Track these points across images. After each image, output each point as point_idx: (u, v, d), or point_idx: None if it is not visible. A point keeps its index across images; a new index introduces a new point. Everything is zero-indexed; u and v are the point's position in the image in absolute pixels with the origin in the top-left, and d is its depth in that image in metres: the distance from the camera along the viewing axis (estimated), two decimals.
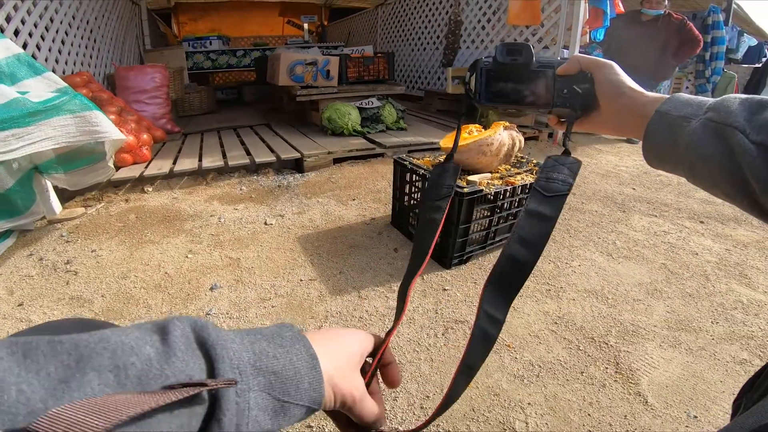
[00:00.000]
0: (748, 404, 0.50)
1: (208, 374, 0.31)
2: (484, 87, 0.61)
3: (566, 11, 3.61)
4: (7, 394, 0.23)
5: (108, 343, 0.28)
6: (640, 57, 3.80)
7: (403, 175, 1.97)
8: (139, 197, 2.51)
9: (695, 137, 0.45)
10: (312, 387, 0.37)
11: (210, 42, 6.73)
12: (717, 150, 0.43)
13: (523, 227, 0.50)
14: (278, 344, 0.36)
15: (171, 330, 0.31)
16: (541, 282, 1.66)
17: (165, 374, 0.29)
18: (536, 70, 0.58)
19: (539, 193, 0.52)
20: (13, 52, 1.83)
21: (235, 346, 0.34)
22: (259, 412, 0.33)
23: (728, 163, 0.42)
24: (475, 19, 4.87)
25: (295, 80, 3.72)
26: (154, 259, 1.82)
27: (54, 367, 0.25)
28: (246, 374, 0.33)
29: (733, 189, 0.43)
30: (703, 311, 1.50)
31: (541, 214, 0.50)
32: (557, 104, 0.58)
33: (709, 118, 0.45)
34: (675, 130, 0.47)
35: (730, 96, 0.46)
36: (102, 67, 4.08)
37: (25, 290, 1.61)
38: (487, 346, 0.48)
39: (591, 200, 2.54)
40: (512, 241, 0.50)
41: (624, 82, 0.54)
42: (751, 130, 0.41)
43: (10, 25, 2.64)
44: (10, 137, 1.49)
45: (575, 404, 1.09)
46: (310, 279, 1.68)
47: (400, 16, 6.46)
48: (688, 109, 0.47)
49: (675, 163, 0.48)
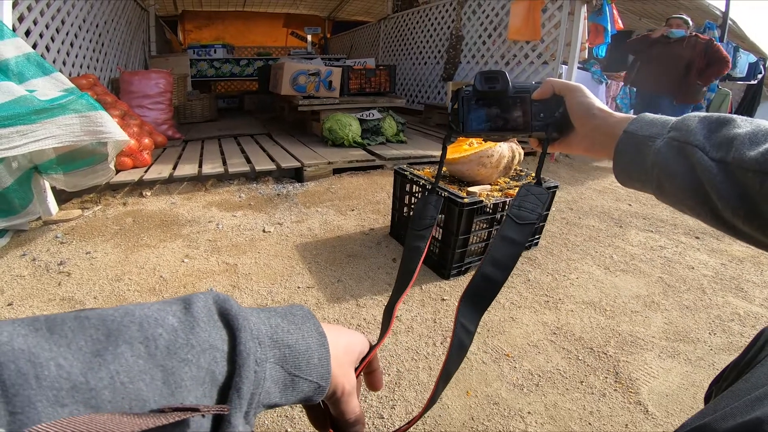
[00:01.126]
0: (718, 393, 0.59)
1: (229, 344, 0.32)
2: (466, 116, 0.62)
3: (566, 27, 3.67)
4: (47, 370, 0.23)
5: (133, 316, 0.28)
6: (662, 77, 3.80)
7: (403, 186, 1.97)
8: (138, 201, 2.50)
9: (660, 156, 0.46)
10: (321, 363, 0.38)
11: (214, 50, 6.80)
12: (680, 168, 0.44)
13: (497, 250, 0.55)
14: (291, 321, 0.38)
15: (193, 302, 0.32)
16: (539, 294, 1.65)
17: (190, 344, 0.29)
18: (513, 96, 0.60)
19: (512, 220, 0.56)
20: (23, 51, 1.84)
21: (254, 318, 0.35)
22: (271, 384, 0.34)
23: (691, 180, 0.44)
24: (476, 34, 4.94)
25: (297, 90, 3.75)
26: (150, 263, 1.81)
27: (84, 341, 0.26)
28: (264, 345, 0.34)
29: (697, 204, 0.44)
30: (701, 323, 1.50)
31: (513, 239, 0.55)
32: (536, 128, 0.60)
33: (671, 137, 0.46)
34: (642, 149, 0.48)
35: (691, 114, 0.47)
36: (107, 71, 4.11)
37: (16, 290, 1.59)
38: (462, 354, 0.53)
39: (588, 215, 2.55)
40: (486, 261, 0.54)
41: (593, 103, 0.56)
42: (710, 148, 0.43)
43: (23, 25, 2.66)
44: (14, 134, 1.49)
45: (575, 413, 1.08)
46: (307, 286, 1.67)
47: (402, 30, 6.55)
48: (653, 129, 0.49)
49: (644, 181, 0.49)
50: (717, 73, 3.72)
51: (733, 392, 0.48)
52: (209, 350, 0.30)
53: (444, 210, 1.70)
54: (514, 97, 0.60)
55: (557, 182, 1.97)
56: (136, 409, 0.26)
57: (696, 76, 3.69)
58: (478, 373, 1.22)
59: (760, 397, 0.42)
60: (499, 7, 4.49)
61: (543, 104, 0.59)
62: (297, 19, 9.17)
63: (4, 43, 1.78)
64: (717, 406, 0.48)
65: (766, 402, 0.40)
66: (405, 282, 0.56)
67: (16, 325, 0.25)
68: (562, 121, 0.58)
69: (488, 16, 4.69)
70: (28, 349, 0.23)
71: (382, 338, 0.50)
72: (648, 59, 3.92)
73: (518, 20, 3.98)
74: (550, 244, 2.11)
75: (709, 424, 0.44)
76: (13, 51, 1.79)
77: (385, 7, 7.13)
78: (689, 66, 3.70)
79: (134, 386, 0.26)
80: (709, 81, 3.75)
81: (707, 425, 0.44)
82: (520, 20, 3.96)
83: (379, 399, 1.12)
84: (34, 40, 2.77)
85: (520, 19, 3.96)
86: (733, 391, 0.49)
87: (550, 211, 2.00)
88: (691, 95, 3.82)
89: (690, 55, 3.68)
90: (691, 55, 3.68)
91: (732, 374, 0.58)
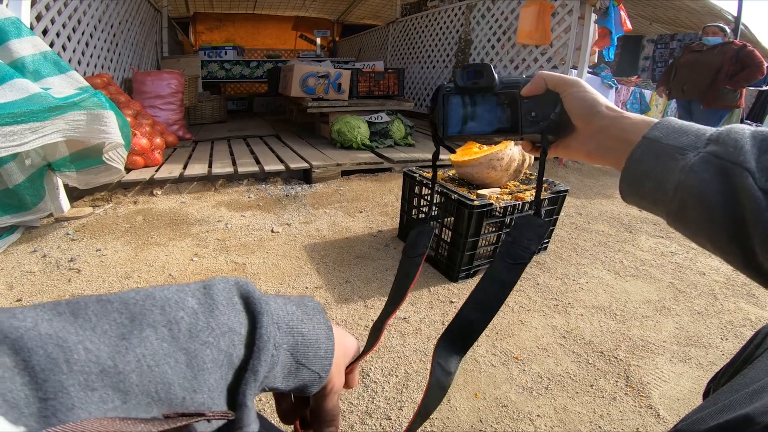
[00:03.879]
0: (715, 389, 0.58)
1: (248, 328, 0.32)
2: (446, 117, 0.54)
3: (576, 31, 3.66)
4: (76, 354, 0.23)
5: (154, 299, 0.28)
6: (691, 81, 3.82)
7: (412, 188, 1.97)
8: (148, 200, 2.52)
9: (692, 175, 0.37)
10: (326, 356, 0.38)
11: (225, 52, 6.86)
12: (718, 193, 0.36)
13: (483, 291, 0.50)
14: (304, 311, 0.38)
15: (213, 284, 0.32)
16: (548, 297, 1.64)
17: (210, 326, 0.30)
18: (500, 92, 0.52)
19: (502, 259, 0.51)
20: (40, 50, 1.86)
21: (273, 304, 0.35)
22: (279, 370, 0.34)
23: (728, 211, 0.35)
24: (485, 38, 4.94)
25: (306, 92, 3.76)
26: (159, 261, 1.82)
27: (108, 325, 0.26)
28: (282, 331, 0.34)
29: (728, 241, 0.36)
30: (712, 328, 1.49)
31: (502, 281, 0.50)
32: (526, 130, 0.52)
33: (711, 152, 0.37)
34: (666, 162, 0.39)
35: (737, 127, 0.38)
36: (121, 70, 4.16)
37: (26, 286, 1.61)
38: (442, 393, 0.50)
39: (597, 220, 2.53)
40: (469, 302, 0.50)
41: (597, 99, 0.47)
42: (760, 174, 0.34)
43: (40, 24, 2.70)
44: (27, 131, 1.50)
45: (585, 417, 1.07)
46: (315, 287, 1.67)
47: (410, 33, 6.56)
48: (684, 139, 0.39)
49: (658, 201, 0.41)
50: (748, 77, 3.61)
51: (732, 387, 0.49)
52: (228, 333, 0.30)
53: (454, 212, 1.70)
54: (501, 94, 0.52)
55: (567, 186, 1.96)
56: (161, 392, 0.26)
57: (724, 80, 3.65)
58: (487, 376, 1.21)
59: (758, 390, 0.42)
60: (508, 11, 4.49)
61: (534, 102, 0.51)
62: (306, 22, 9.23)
63: (21, 41, 1.80)
64: (716, 399, 0.48)
65: (763, 395, 0.41)
66: (396, 301, 0.54)
67: (39, 310, 0.24)
68: (558, 121, 0.50)
69: (497, 20, 4.69)
70: (55, 333, 0.23)
71: (367, 351, 0.49)
72: (681, 66, 3.95)
73: (528, 24, 3.97)
74: (559, 248, 2.10)
75: (708, 415, 0.44)
76: (30, 49, 1.82)
77: (393, 10, 7.16)
78: (719, 71, 3.67)
79: (160, 369, 0.26)
80: (739, 85, 3.65)
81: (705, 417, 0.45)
82: (530, 24, 3.95)
83: (387, 400, 1.12)
84: (50, 38, 2.81)
85: (530, 24, 3.95)
86: (731, 385, 0.50)
87: (559, 215, 1.99)
88: (720, 99, 3.75)
89: (720, 61, 3.66)
90: (721, 61, 3.65)
91: (729, 371, 0.59)
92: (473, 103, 0.54)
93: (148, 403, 0.26)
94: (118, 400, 0.24)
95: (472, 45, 5.19)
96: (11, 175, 1.77)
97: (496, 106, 0.53)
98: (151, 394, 0.26)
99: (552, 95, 0.50)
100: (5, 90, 1.55)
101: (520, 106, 0.51)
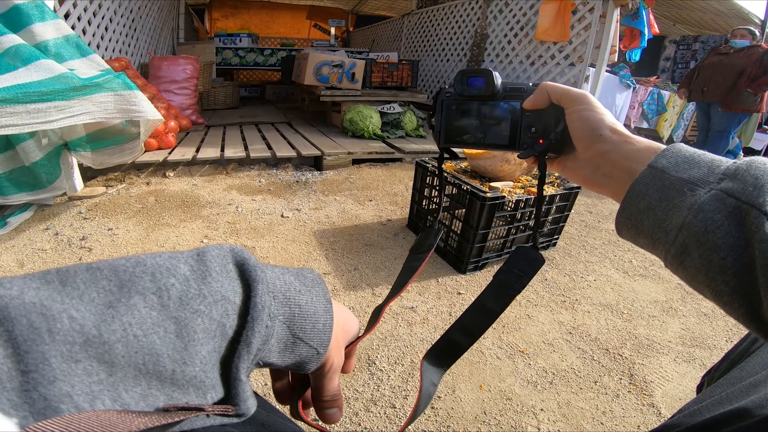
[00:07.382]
0: (710, 383, 0.58)
1: (243, 297, 0.30)
2: (443, 124, 0.52)
3: (596, 29, 3.61)
4: (59, 323, 0.22)
5: (145, 266, 0.27)
6: (713, 83, 3.77)
7: (423, 178, 1.97)
8: (161, 181, 2.54)
9: (701, 215, 0.31)
10: (324, 330, 0.36)
11: (240, 39, 6.87)
12: (729, 237, 0.30)
13: (471, 317, 0.52)
14: (302, 282, 0.36)
15: (206, 251, 0.31)
16: (556, 293, 1.64)
17: (202, 294, 0.28)
18: (501, 101, 0.49)
19: (495, 286, 0.52)
20: (63, 33, 1.88)
21: (270, 273, 0.33)
22: (275, 343, 0.33)
23: (738, 257, 0.30)
24: (501, 33, 4.88)
25: (320, 80, 3.76)
26: (170, 242, 1.84)
27: (96, 292, 0.25)
28: (278, 301, 0.33)
29: (732, 291, 0.31)
30: (718, 330, 1.48)
31: (490, 310, 0.51)
32: (524, 146, 0.48)
33: (726, 190, 0.31)
34: (672, 197, 0.34)
35: (758, 161, 0.32)
36: (138, 55, 4.19)
37: (36, 263, 1.63)
38: (429, 399, 0.53)
39: (607, 219, 2.51)
40: (456, 326, 0.53)
41: (602, 120, 0.42)
42: None
43: (63, 7, 2.73)
44: (52, 108, 1.52)
45: (588, 413, 1.08)
46: (324, 273, 1.68)
47: (425, 26, 6.51)
48: (695, 171, 0.34)
49: (657, 240, 0.35)
50: None
51: (728, 380, 0.49)
52: (221, 302, 0.29)
53: (465, 203, 1.69)
54: (501, 104, 0.49)
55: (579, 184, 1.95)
56: (149, 364, 0.25)
57: (746, 83, 3.59)
58: (492, 368, 1.22)
59: (754, 383, 0.43)
60: (527, 7, 4.43)
61: (536, 116, 0.47)
62: (321, 11, 9.19)
63: (45, 24, 1.82)
64: (712, 392, 0.49)
65: (759, 388, 0.41)
66: (396, 291, 0.54)
67: (27, 279, 0.23)
68: (561, 140, 0.46)
69: (515, 15, 4.63)
70: (40, 301, 0.22)
71: (366, 332, 0.49)
72: (704, 68, 3.89)
73: (547, 21, 3.92)
74: (568, 245, 2.09)
75: (705, 408, 0.45)
76: (53, 32, 1.84)
77: (408, 2, 7.10)
78: (741, 74, 3.61)
79: (148, 340, 0.25)
80: (760, 89, 3.59)
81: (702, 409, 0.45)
82: (549, 21, 3.90)
83: (392, 389, 1.12)
84: (72, 22, 2.84)
85: (549, 20, 3.90)
86: (727, 379, 0.50)
87: (570, 212, 1.98)
88: (739, 102, 3.68)
89: (744, 64, 3.60)
90: (745, 64, 3.60)
91: (725, 365, 0.58)
92: (472, 111, 0.51)
93: (136, 376, 0.25)
94: (103, 373, 0.23)
95: (487, 39, 5.13)
96: (28, 153, 1.79)
97: (495, 117, 0.50)
98: (138, 366, 0.25)
99: (555, 111, 0.46)
100: (30, 70, 1.57)
101: (521, 119, 0.48)
